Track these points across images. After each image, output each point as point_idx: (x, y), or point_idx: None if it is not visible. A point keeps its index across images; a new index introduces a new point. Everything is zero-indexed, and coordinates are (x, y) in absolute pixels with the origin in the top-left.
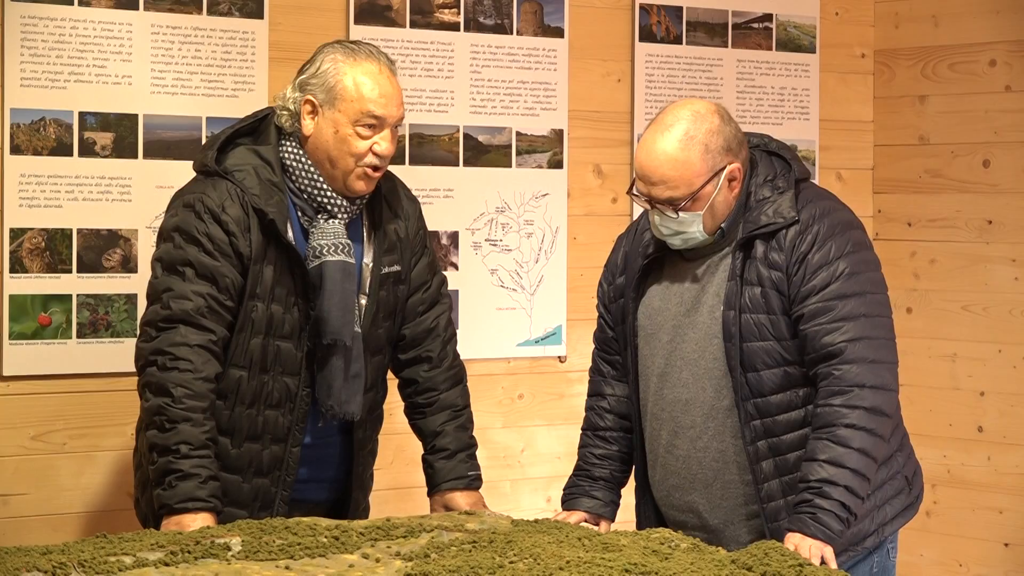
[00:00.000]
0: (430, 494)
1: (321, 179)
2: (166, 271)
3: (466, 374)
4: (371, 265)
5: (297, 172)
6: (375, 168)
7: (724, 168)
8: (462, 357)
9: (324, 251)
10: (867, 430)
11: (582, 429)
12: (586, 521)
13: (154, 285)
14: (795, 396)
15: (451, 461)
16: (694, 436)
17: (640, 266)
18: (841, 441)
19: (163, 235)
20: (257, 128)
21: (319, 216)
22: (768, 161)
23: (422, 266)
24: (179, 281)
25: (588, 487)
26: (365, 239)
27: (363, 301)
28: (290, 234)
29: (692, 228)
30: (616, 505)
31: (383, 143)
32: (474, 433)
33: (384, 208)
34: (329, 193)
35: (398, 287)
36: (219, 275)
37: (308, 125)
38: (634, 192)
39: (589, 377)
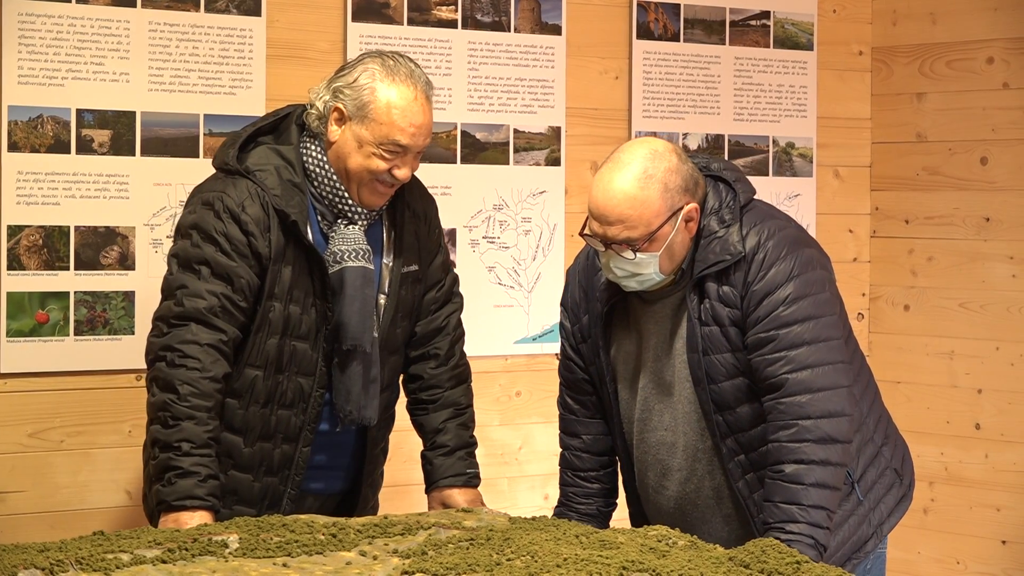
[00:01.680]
0: (428, 491)
1: (342, 187)
2: (182, 268)
3: (471, 374)
4: (391, 265)
5: (319, 178)
6: (390, 185)
7: (682, 208)
8: None
9: (344, 257)
10: (818, 462)
11: (560, 466)
12: None
13: (169, 281)
14: None
15: (450, 458)
16: (682, 479)
17: (602, 312)
18: (793, 479)
19: (180, 231)
20: (278, 127)
21: (339, 221)
22: (715, 188)
23: (437, 264)
24: (194, 279)
25: (577, 519)
26: (385, 239)
27: (383, 301)
28: (310, 235)
29: (648, 270)
30: None
31: (403, 168)
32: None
33: (403, 208)
34: (350, 201)
35: (416, 287)
36: (235, 275)
37: (334, 132)
38: (587, 233)
39: (559, 412)
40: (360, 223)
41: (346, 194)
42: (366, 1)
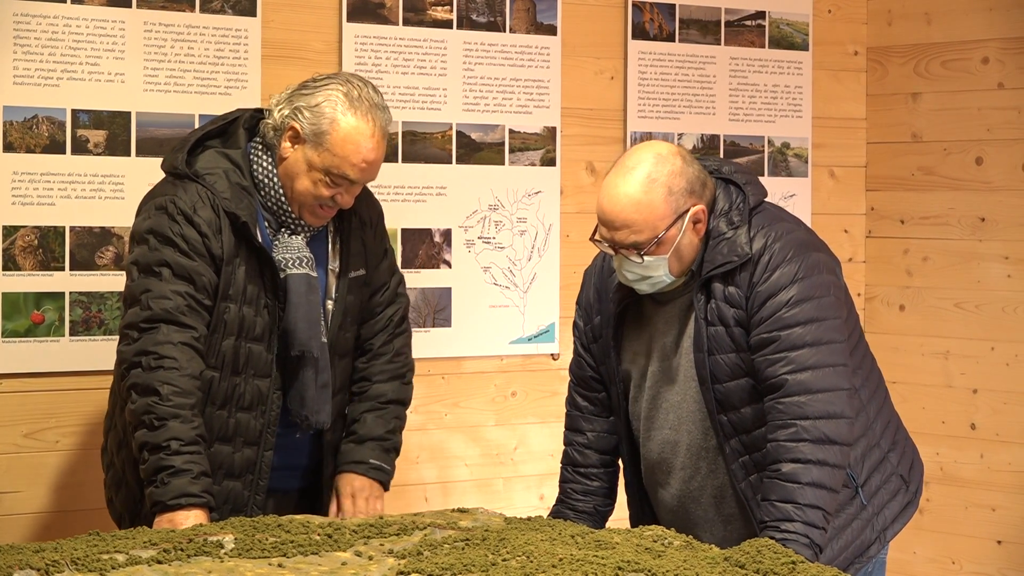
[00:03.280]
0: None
1: (287, 201)
2: (143, 273)
3: (410, 372)
4: (337, 271)
5: (266, 188)
6: (331, 208)
7: (688, 210)
8: (455, 355)
9: (287, 264)
10: (816, 462)
11: (562, 463)
12: None
13: (131, 288)
14: None
15: (359, 447)
16: (686, 477)
17: (614, 313)
18: (790, 478)
19: (136, 238)
20: (226, 131)
21: (282, 230)
22: (725, 190)
23: (383, 268)
24: (157, 282)
25: (573, 517)
26: (330, 245)
27: (330, 307)
28: (259, 237)
29: (658, 272)
30: None
31: (346, 196)
32: (467, 431)
33: (350, 215)
34: (293, 215)
35: (363, 290)
36: (196, 274)
37: (287, 148)
38: (596, 238)
39: (566, 409)
40: (303, 234)
41: (290, 208)
42: (361, 1)
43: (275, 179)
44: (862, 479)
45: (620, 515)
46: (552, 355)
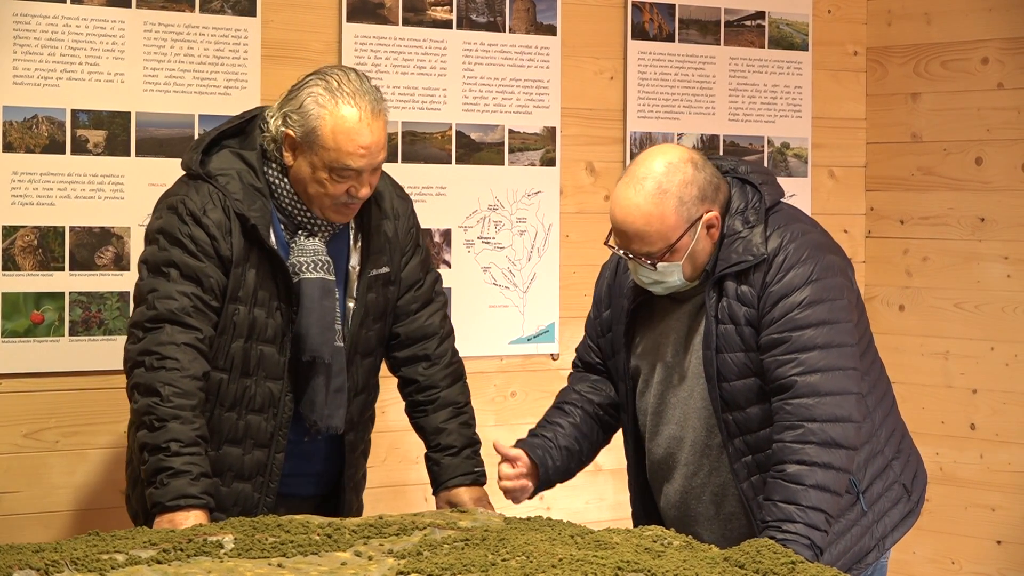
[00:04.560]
0: (435, 492)
1: (303, 203)
2: (151, 273)
3: (465, 371)
4: (358, 268)
5: (279, 190)
6: (355, 203)
7: (701, 217)
8: None
9: (303, 268)
10: (821, 465)
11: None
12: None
13: (140, 287)
14: None
15: (457, 458)
16: (688, 474)
17: (628, 309)
18: (794, 479)
19: (148, 237)
20: (244, 129)
21: (300, 232)
22: (740, 189)
23: (414, 265)
24: (164, 282)
25: (529, 436)
26: (352, 241)
27: (351, 305)
28: (272, 239)
29: (671, 278)
30: (548, 467)
31: (362, 187)
32: None
33: (373, 208)
34: (310, 214)
35: (387, 288)
36: (203, 275)
37: (288, 157)
38: (610, 243)
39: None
40: (321, 235)
41: (305, 207)
42: (361, 1)
43: (286, 182)
44: (864, 485)
45: (621, 515)
46: (552, 355)
